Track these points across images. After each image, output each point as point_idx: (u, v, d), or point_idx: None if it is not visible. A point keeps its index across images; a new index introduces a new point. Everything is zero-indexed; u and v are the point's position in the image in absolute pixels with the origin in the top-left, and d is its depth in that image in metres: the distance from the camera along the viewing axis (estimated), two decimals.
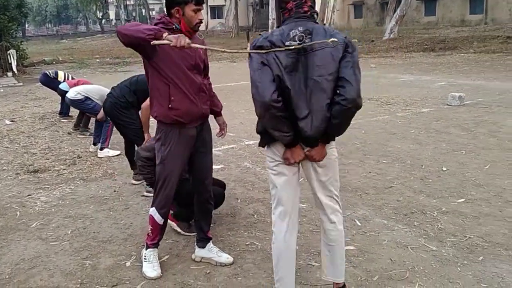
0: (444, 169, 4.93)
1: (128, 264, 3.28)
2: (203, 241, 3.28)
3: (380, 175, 4.87)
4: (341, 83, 2.34)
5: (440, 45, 19.26)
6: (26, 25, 61.68)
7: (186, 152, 3.04)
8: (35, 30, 67.78)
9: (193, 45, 2.54)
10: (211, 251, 3.24)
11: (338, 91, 2.35)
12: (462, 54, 16.65)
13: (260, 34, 2.49)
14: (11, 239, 3.78)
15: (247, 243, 3.49)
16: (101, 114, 5.83)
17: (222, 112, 3.55)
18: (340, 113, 2.35)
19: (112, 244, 3.59)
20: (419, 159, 5.32)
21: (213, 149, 5.91)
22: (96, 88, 6.63)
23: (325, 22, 30.48)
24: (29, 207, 4.46)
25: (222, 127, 3.49)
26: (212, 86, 3.40)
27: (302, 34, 2.36)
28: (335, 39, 2.29)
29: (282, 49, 2.32)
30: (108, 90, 5.58)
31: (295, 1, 2.42)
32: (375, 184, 4.60)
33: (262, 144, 2.59)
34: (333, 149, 2.57)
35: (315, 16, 2.47)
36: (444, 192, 4.29)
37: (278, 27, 2.51)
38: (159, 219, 3.09)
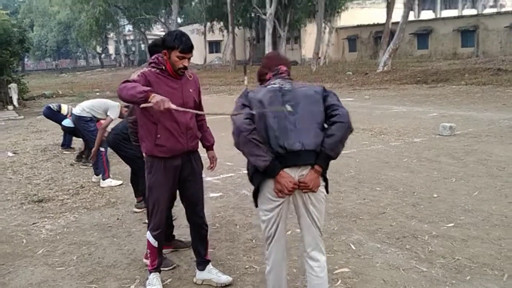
0: (435, 195, 5.13)
1: (132, 287, 3.42)
2: (202, 264, 3.45)
3: (374, 201, 5.05)
4: (332, 109, 2.61)
5: (433, 77, 19.70)
6: (26, 59, 62.60)
7: (171, 180, 3.23)
8: (34, 64, 68.64)
9: (172, 107, 2.75)
10: (211, 273, 3.40)
11: (332, 114, 2.59)
12: (454, 86, 17.06)
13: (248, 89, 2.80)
14: (18, 265, 3.93)
15: (246, 267, 3.65)
16: (95, 149, 6.10)
17: (221, 142, 3.77)
18: (338, 129, 2.54)
19: (117, 269, 3.74)
20: (411, 186, 5.52)
21: (211, 178, 6.14)
22: (100, 101, 6.81)
23: (320, 56, 31.17)
24: (35, 235, 4.61)
25: (212, 160, 3.66)
26: (211, 117, 3.61)
27: (282, 81, 2.73)
28: (290, 109, 2.53)
29: (267, 110, 2.56)
30: (112, 103, 6.29)
31: (273, 72, 2.80)
32: (369, 210, 4.78)
33: (255, 186, 2.72)
34: (323, 186, 2.69)
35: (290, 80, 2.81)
36: (434, 217, 4.47)
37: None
38: (153, 241, 3.30)
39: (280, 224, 2.71)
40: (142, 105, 2.78)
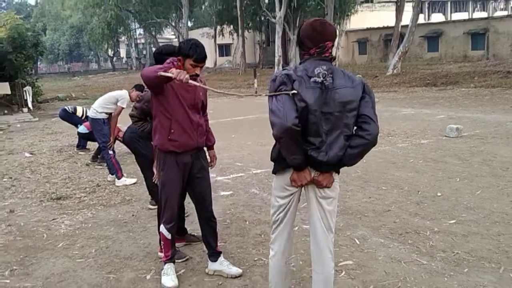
0: (439, 194, 5.29)
1: (148, 277, 3.64)
2: (214, 256, 3.67)
3: (379, 200, 5.23)
4: (364, 120, 2.62)
5: (442, 80, 19.77)
6: (38, 63, 63.39)
7: (182, 176, 3.45)
8: (46, 67, 69.51)
9: (191, 81, 2.94)
10: (222, 264, 3.61)
11: (362, 126, 2.63)
12: (463, 89, 17.12)
13: (284, 69, 2.70)
14: (40, 257, 4.16)
15: (255, 259, 3.85)
16: (112, 138, 6.58)
17: (231, 143, 3.99)
18: (362, 145, 2.62)
19: (133, 260, 3.96)
20: (416, 185, 5.69)
21: (222, 178, 6.36)
22: (108, 96, 6.88)
23: None
24: (55, 230, 4.85)
25: (212, 159, 3.88)
26: (224, 119, 3.83)
27: (325, 72, 2.61)
28: (295, 91, 2.54)
29: (277, 93, 2.57)
30: (119, 92, 6.72)
31: (318, 48, 2.66)
32: (374, 208, 4.95)
33: (275, 171, 2.83)
34: (336, 182, 2.80)
35: (333, 59, 2.76)
36: (437, 215, 4.64)
37: (300, 63, 2.74)
38: (167, 233, 3.52)
39: (290, 211, 2.85)
40: (161, 73, 2.96)
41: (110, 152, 6.55)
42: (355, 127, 2.68)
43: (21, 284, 3.65)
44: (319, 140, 2.61)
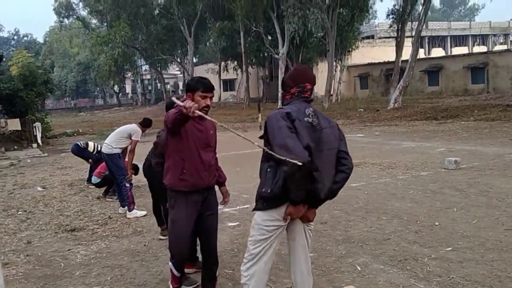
0: (437, 223, 5.53)
1: None
2: None
3: (380, 229, 5.47)
4: (343, 156, 3.02)
5: (443, 113, 20.16)
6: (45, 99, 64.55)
7: (192, 215, 3.53)
8: (53, 103, 70.74)
9: (197, 112, 2.93)
10: None
11: (341, 162, 2.99)
12: (463, 122, 17.47)
13: (280, 108, 3.03)
14: (59, 285, 4.42)
15: None
16: (129, 171, 7.02)
17: (238, 176, 4.25)
18: (344, 179, 3.00)
19: (147, 287, 4.20)
20: (415, 215, 5.93)
21: (229, 209, 6.63)
22: (120, 131, 7.18)
23: (331, 93, 31.93)
24: (71, 259, 5.11)
25: (225, 195, 4.04)
26: (228, 153, 4.14)
27: (312, 113, 2.98)
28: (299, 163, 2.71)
29: (264, 148, 3.00)
30: (131, 126, 7.11)
31: (298, 88, 3.06)
32: (375, 237, 5.20)
33: (269, 206, 2.97)
34: None
35: (312, 101, 3.15)
36: (434, 243, 4.88)
37: (283, 104, 3.11)
38: (175, 271, 3.66)
39: (275, 243, 3.05)
40: (174, 99, 3.12)
41: (127, 185, 6.86)
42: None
43: None
44: (318, 175, 2.87)
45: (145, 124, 7.15)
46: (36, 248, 5.58)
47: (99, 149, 9.20)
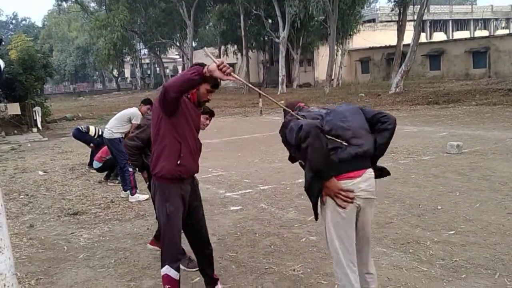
0: (439, 207, 5.54)
1: None
2: (211, 284, 3.60)
3: (382, 213, 5.48)
4: (379, 116, 2.91)
5: (444, 98, 20.08)
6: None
7: (185, 206, 3.30)
8: (52, 88, 70.40)
9: (233, 75, 2.92)
10: None
11: (381, 121, 2.87)
12: (465, 107, 17.42)
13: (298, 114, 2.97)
14: (63, 268, 4.43)
15: (266, 267, 4.11)
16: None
17: (239, 162, 4.18)
18: (389, 134, 2.88)
19: (151, 270, 4.22)
20: (417, 199, 5.94)
21: (231, 194, 6.65)
22: (120, 116, 7.17)
23: (332, 78, 31.79)
24: (74, 243, 5.12)
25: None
26: (230, 138, 4.13)
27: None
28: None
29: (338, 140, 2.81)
30: (131, 110, 7.07)
31: (296, 110, 3.08)
32: (377, 220, 5.20)
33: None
34: None
35: None
36: (437, 226, 4.89)
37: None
38: (174, 274, 3.25)
39: (348, 232, 2.83)
40: (206, 52, 3.04)
41: (130, 169, 6.84)
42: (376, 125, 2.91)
43: None
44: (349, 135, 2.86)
45: (146, 102, 7.11)
46: (39, 232, 5.59)
47: (100, 133, 9.19)
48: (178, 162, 3.17)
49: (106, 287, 3.92)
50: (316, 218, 2.88)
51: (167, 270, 3.25)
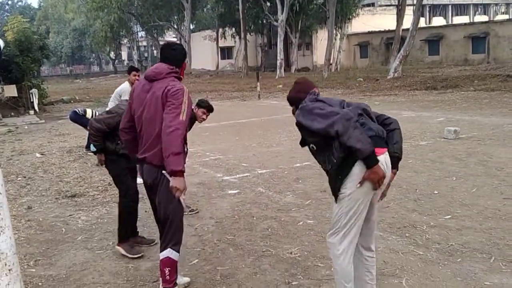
0: (436, 192, 5.57)
1: None
2: None
3: None
4: (383, 118, 3.02)
5: (442, 83, 20.04)
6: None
7: None
8: (49, 70, 69.93)
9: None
10: None
11: (385, 123, 2.97)
12: (463, 92, 17.40)
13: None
14: (61, 249, 4.45)
15: (263, 250, 4.14)
16: None
17: (237, 145, 4.29)
18: (399, 134, 2.99)
19: (149, 252, 4.25)
20: (414, 184, 5.97)
21: (229, 177, 6.65)
22: (114, 94, 7.19)
23: (331, 62, 31.65)
24: (72, 225, 5.14)
25: None
26: (227, 122, 4.17)
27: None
28: None
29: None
30: (122, 86, 7.20)
31: (310, 95, 3.07)
32: None
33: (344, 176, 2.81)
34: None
35: None
36: (433, 211, 4.92)
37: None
38: (176, 256, 3.27)
39: (363, 215, 2.89)
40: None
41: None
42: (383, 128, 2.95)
43: (46, 273, 3.94)
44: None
45: (131, 70, 7.08)
46: (37, 214, 5.61)
47: (96, 115, 9.15)
48: (186, 149, 3.20)
49: (104, 268, 3.95)
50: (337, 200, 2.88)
51: (169, 253, 3.25)
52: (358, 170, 2.77)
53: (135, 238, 4.44)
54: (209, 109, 4.84)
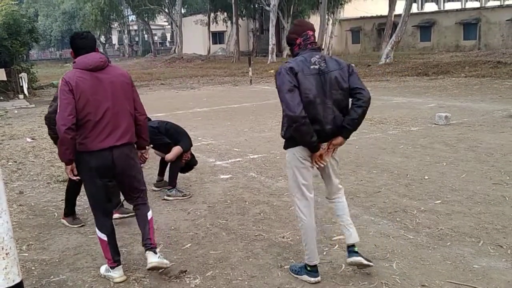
0: (426, 177, 5.63)
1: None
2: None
3: (370, 182, 5.56)
4: (357, 91, 3.16)
5: (434, 69, 20.11)
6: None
7: None
8: (38, 53, 69.02)
9: None
10: None
11: (356, 97, 3.15)
12: (454, 78, 17.49)
13: (286, 62, 3.19)
14: (54, 234, 4.46)
15: (256, 234, 4.17)
16: None
17: (228, 130, 4.34)
18: (361, 113, 3.14)
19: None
20: (405, 169, 6.02)
21: (221, 162, 6.65)
22: None
23: (323, 47, 31.57)
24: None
25: None
26: (219, 107, 4.18)
27: (319, 59, 3.16)
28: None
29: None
30: None
31: (302, 37, 3.22)
32: (365, 190, 5.28)
33: (287, 146, 3.26)
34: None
35: (320, 49, 3.33)
36: (424, 196, 4.98)
37: (293, 56, 3.28)
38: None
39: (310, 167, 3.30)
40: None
41: None
42: (351, 99, 3.20)
43: (39, 257, 3.95)
44: (328, 118, 3.14)
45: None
46: (29, 198, 5.59)
47: None
48: None
49: (97, 252, 3.96)
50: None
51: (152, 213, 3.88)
52: None
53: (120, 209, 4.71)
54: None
